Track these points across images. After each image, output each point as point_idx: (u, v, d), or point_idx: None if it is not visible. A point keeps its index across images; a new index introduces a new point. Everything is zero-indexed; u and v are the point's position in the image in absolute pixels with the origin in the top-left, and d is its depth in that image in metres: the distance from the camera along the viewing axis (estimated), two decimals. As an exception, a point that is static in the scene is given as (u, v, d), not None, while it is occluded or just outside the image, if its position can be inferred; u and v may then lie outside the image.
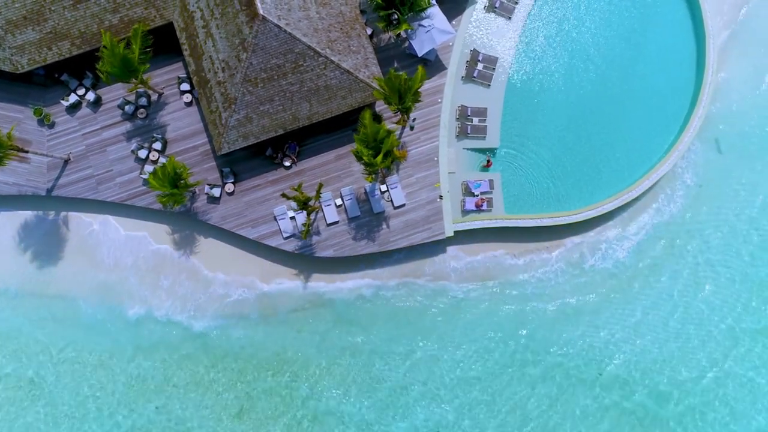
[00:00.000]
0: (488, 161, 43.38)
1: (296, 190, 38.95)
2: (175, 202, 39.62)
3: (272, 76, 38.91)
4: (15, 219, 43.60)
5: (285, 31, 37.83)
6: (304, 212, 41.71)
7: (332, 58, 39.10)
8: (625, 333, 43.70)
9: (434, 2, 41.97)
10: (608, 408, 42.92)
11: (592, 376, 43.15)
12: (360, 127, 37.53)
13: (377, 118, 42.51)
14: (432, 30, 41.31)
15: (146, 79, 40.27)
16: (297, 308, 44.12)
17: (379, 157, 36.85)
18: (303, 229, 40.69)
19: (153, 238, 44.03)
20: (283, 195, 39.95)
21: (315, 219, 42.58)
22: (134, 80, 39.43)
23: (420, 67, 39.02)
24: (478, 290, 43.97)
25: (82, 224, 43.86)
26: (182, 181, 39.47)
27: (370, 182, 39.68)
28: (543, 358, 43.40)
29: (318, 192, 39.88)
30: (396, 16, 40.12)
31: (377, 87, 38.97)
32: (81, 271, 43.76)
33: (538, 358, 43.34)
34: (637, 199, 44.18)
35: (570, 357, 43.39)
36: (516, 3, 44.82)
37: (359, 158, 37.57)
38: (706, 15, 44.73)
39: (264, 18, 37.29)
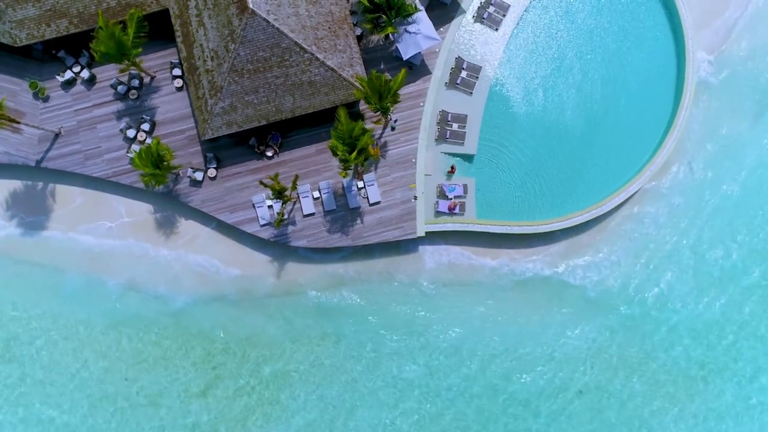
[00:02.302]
0: (452, 167, 44.56)
1: (272, 179, 40.30)
2: (156, 182, 41.06)
3: (258, 68, 40.29)
4: (3, 186, 45.05)
5: (273, 25, 39.22)
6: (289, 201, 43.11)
7: (317, 55, 40.46)
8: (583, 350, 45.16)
9: (422, 8, 43.24)
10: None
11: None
12: (337, 124, 38.86)
13: (359, 117, 43.88)
14: (418, 35, 42.59)
15: (138, 62, 41.66)
16: (270, 294, 45.41)
17: (354, 154, 38.18)
18: (277, 218, 42.03)
19: (135, 216, 45.32)
20: (261, 183, 41.29)
21: (292, 209, 43.96)
22: (126, 62, 40.84)
23: (402, 70, 40.42)
24: (444, 289, 45.19)
25: (68, 197, 45.20)
26: (165, 163, 40.88)
27: (344, 177, 40.99)
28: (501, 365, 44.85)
29: (294, 183, 41.26)
30: (383, 19, 41.42)
31: (358, 86, 40.28)
32: (63, 242, 45.04)
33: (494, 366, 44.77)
34: (608, 214, 45.35)
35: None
36: (504, 15, 46.04)
37: (335, 153, 38.93)
38: (688, 41, 45.84)
39: (253, 12, 38.69)
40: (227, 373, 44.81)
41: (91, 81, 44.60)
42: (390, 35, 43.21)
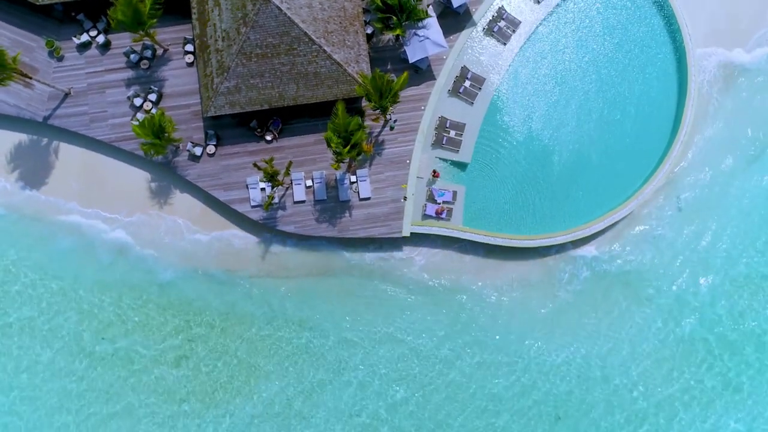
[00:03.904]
0: (435, 172, 45.42)
1: (266, 162, 41.34)
2: (156, 152, 42.24)
3: (266, 54, 41.38)
4: (9, 138, 46.31)
5: (285, 14, 40.34)
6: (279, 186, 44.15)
7: (325, 48, 41.50)
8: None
9: (433, 15, 44.16)
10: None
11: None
12: (334, 117, 39.86)
13: (360, 113, 44.85)
14: (426, 40, 43.55)
15: (152, 33, 42.81)
16: (254, 274, 46.40)
17: (347, 148, 39.17)
18: (266, 200, 43.06)
19: (133, 183, 46.38)
20: (255, 165, 42.35)
21: (284, 195, 45.00)
22: (141, 32, 42.01)
23: (405, 73, 41.39)
24: (423, 291, 46.12)
25: (70, 157, 46.38)
26: (165, 134, 42.02)
27: (336, 169, 41.95)
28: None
29: (287, 169, 42.29)
30: (393, 21, 42.36)
31: (361, 82, 41.25)
32: (61, 200, 46.20)
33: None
34: (589, 237, 46.12)
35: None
36: (513, 31, 46.86)
37: (329, 145, 39.93)
38: (691, 78, 46.56)
39: (267, -2, 39.88)
40: (202, 346, 45.88)
41: (105, 46, 45.82)
42: (399, 37, 44.16)
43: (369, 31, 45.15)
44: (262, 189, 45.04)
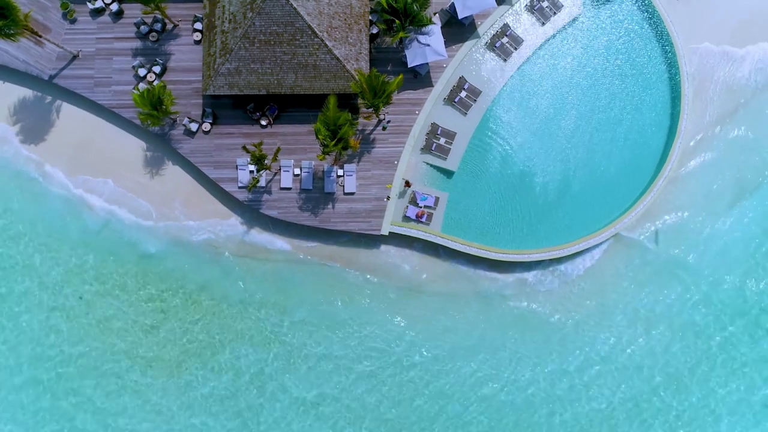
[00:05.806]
0: (407, 182, 46.29)
1: (255, 146, 42.40)
2: (151, 122, 43.42)
3: (269, 41, 42.45)
4: (13, 92, 47.63)
5: (291, 5, 41.41)
6: (265, 170, 45.17)
7: (327, 43, 42.53)
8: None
9: (437, 23, 45.07)
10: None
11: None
12: (325, 110, 40.86)
13: (356, 110, 45.83)
14: (427, 47, 44.46)
15: (163, 7, 44.01)
16: (233, 254, 47.54)
17: (333, 141, 40.17)
18: (251, 182, 44.13)
19: (127, 151, 47.55)
20: (244, 148, 43.41)
21: (271, 180, 46.04)
22: (153, 5, 43.23)
23: (400, 75, 42.30)
24: (397, 290, 47.14)
25: (70, 118, 47.60)
26: (163, 107, 43.18)
27: (322, 160, 42.94)
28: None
29: (275, 155, 43.32)
30: (396, 24, 43.31)
31: (356, 79, 42.24)
32: (56, 160, 47.49)
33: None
34: (563, 258, 46.95)
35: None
36: (515, 48, 47.70)
37: (317, 136, 40.94)
38: (683, 115, 47.30)
39: (275, -13, 40.92)
40: (175, 317, 47.02)
41: (118, 14, 47.06)
42: (402, 40, 45.08)
43: (375, 31, 46.11)
44: (251, 171, 46.08)
